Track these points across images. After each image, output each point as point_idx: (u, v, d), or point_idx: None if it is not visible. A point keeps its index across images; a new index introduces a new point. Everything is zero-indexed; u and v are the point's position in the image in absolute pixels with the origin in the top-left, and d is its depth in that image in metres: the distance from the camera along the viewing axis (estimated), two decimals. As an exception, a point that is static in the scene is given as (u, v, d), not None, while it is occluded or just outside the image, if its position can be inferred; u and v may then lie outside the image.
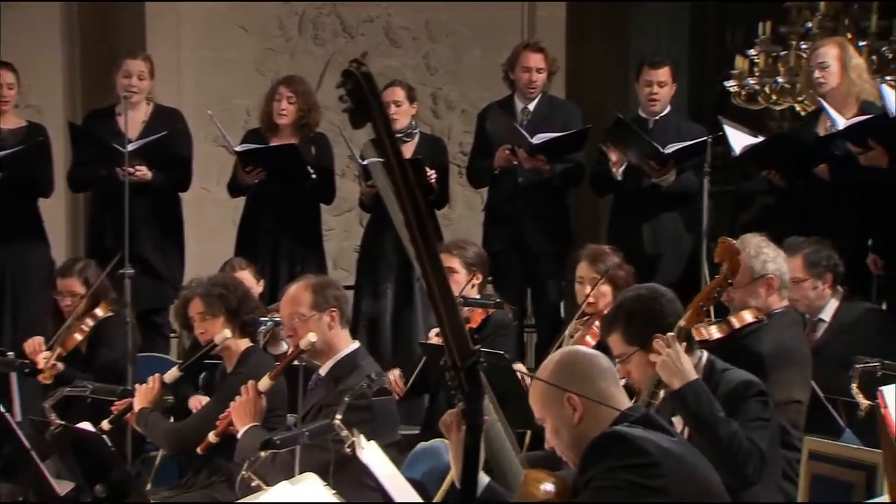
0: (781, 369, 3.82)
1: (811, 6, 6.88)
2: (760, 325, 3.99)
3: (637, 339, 3.32)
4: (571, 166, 6.10)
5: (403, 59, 7.51)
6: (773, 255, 4.12)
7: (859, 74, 5.44)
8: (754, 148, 5.56)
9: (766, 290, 4.08)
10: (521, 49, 6.20)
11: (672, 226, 5.99)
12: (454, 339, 1.96)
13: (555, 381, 2.63)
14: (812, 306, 4.87)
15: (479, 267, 5.11)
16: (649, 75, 5.98)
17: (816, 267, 4.80)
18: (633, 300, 3.40)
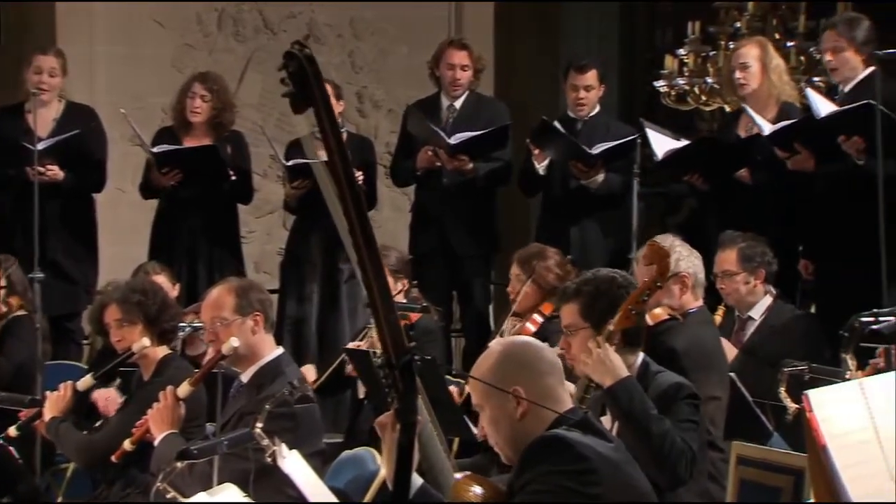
0: (698, 367, 3.89)
1: (739, 6, 7.00)
2: (675, 324, 4.06)
3: (593, 317, 3.38)
4: (498, 165, 6.14)
5: (328, 56, 7.48)
6: (686, 253, 4.20)
7: (780, 76, 5.55)
8: (677, 152, 5.63)
9: (679, 288, 4.15)
10: (446, 46, 6.23)
11: (601, 228, 6.06)
12: (390, 336, 1.97)
13: (502, 371, 2.62)
14: (742, 301, 4.95)
15: (402, 272, 5.12)
16: (575, 79, 6.05)
17: (750, 262, 4.88)
18: (606, 280, 3.46)
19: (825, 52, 5.34)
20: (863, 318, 3.05)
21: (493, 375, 2.62)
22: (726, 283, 4.94)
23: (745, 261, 4.90)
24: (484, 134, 5.97)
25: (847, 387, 2.96)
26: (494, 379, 2.62)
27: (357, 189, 1.95)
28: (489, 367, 2.65)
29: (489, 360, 2.67)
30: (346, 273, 5.92)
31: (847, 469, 2.56)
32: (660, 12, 8.31)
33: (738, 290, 4.90)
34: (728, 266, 4.93)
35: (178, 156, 5.94)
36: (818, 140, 5.19)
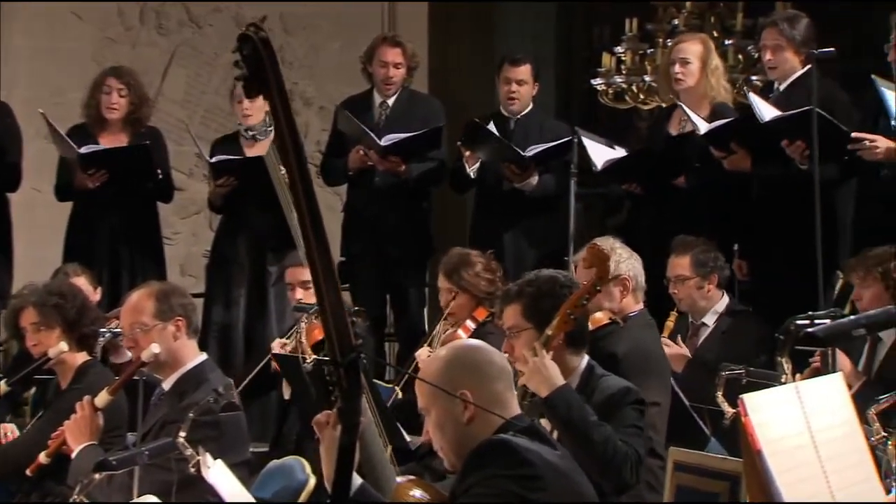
0: (639, 372, 3.93)
1: (677, 4, 7.08)
2: (616, 328, 4.10)
3: (536, 317, 3.40)
4: (431, 166, 6.14)
5: (256, 52, 7.41)
6: (626, 255, 4.23)
7: (718, 78, 5.60)
8: (616, 163, 5.67)
9: (620, 291, 4.19)
10: (379, 43, 6.21)
11: (536, 230, 6.08)
12: (337, 333, 1.96)
13: (450, 374, 2.62)
14: (695, 307, 5.01)
15: None
16: (509, 72, 6.06)
17: (703, 267, 4.95)
18: (547, 280, 3.48)
19: (765, 50, 5.40)
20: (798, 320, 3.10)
21: (441, 378, 2.62)
22: (679, 288, 4.99)
23: (699, 266, 4.96)
24: (416, 135, 5.97)
25: (783, 390, 3.00)
26: (442, 382, 2.62)
27: (309, 179, 1.94)
28: (437, 370, 2.65)
29: (437, 363, 2.67)
30: (275, 275, 5.89)
31: (782, 473, 2.59)
32: (597, 10, 8.37)
33: (690, 295, 4.97)
34: (681, 271, 4.99)
35: (107, 156, 5.86)
36: (756, 140, 5.26)
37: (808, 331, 2.93)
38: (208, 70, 7.56)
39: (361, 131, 5.99)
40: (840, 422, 2.95)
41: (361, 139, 6.01)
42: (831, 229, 5.16)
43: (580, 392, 3.43)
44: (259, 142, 6.10)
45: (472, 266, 4.80)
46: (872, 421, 3.32)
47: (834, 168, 5.15)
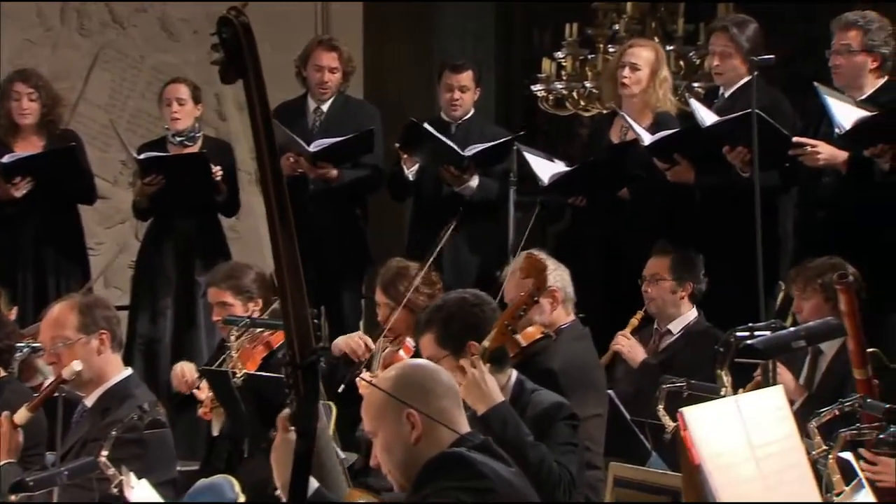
0: (576, 385, 3.96)
1: (618, 8, 7.15)
2: (548, 342, 4.13)
3: (451, 343, 3.41)
4: (366, 173, 6.13)
5: (183, 54, 7.37)
6: (553, 266, 4.27)
7: (665, 90, 5.65)
8: (561, 178, 5.70)
9: (550, 303, 4.22)
10: (314, 46, 6.21)
11: (475, 238, 6.09)
12: (298, 333, 1.96)
13: (395, 394, 2.63)
14: (664, 311, 5.05)
15: (258, 292, 5.04)
16: (450, 79, 6.09)
17: (681, 272, 5.02)
18: (455, 302, 3.49)
19: (713, 56, 5.47)
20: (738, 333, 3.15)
21: (385, 401, 2.63)
22: (653, 287, 5.05)
23: (677, 269, 5.03)
24: (346, 139, 5.96)
25: (723, 404, 3.04)
26: (388, 404, 2.63)
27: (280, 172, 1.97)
28: (381, 393, 2.65)
29: (383, 383, 2.67)
30: (203, 286, 5.85)
31: (722, 489, 2.63)
32: (537, 13, 8.42)
33: (662, 296, 5.02)
34: (658, 270, 5.05)
35: (31, 163, 5.79)
36: (700, 150, 5.31)
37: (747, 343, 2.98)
38: (133, 73, 7.49)
39: (289, 138, 5.98)
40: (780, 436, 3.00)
41: (291, 146, 5.99)
42: (773, 239, 5.24)
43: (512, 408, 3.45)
44: (187, 147, 6.05)
45: (411, 279, 4.79)
46: (813, 435, 3.37)
47: (775, 175, 5.23)
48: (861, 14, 5.12)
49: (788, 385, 4.43)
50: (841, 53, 5.08)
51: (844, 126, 4.85)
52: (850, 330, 3.66)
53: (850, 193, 5.05)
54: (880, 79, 5.11)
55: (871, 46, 5.05)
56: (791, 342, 3.02)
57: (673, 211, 5.55)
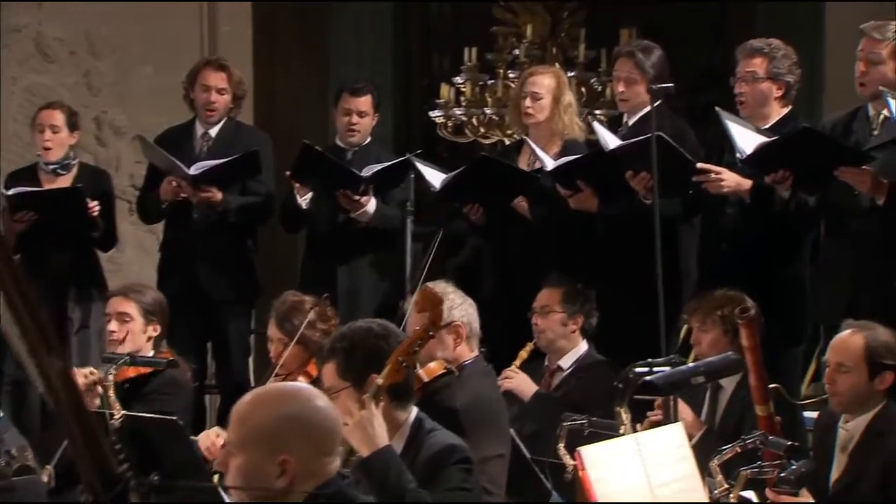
0: (478, 424, 3.95)
1: (518, 33, 7.22)
2: (451, 379, 4.12)
3: (352, 375, 3.37)
4: (255, 200, 6.07)
5: (59, 76, 7.24)
6: (459, 301, 4.27)
7: (571, 116, 5.68)
8: (455, 178, 5.65)
9: (454, 338, 4.22)
10: (202, 66, 6.14)
11: (373, 269, 6.08)
12: (94, 465, 1.70)
13: (277, 431, 2.52)
14: (553, 344, 5.06)
15: (157, 316, 4.99)
16: (348, 103, 6.06)
17: (572, 304, 5.04)
18: (359, 332, 3.45)
19: (618, 82, 5.50)
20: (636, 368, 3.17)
21: (267, 431, 2.53)
22: (542, 319, 5.06)
23: (568, 301, 5.05)
24: (229, 162, 5.90)
25: (622, 442, 3.08)
26: (266, 434, 2.52)
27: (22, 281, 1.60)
28: (264, 420, 2.54)
29: (267, 410, 2.55)
30: (77, 323, 5.74)
31: (620, 531, 2.64)
32: (436, 37, 8.47)
33: (553, 329, 5.04)
34: (549, 302, 5.06)
35: None
36: (603, 177, 5.36)
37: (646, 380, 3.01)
38: (6, 95, 7.34)
39: (169, 162, 5.90)
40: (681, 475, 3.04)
41: (172, 170, 5.92)
42: (675, 271, 5.31)
43: (407, 449, 3.42)
44: (60, 176, 5.94)
45: (306, 314, 4.74)
46: (715, 473, 3.42)
47: (678, 204, 5.30)
48: (766, 42, 5.21)
49: (688, 421, 4.48)
50: (746, 81, 5.15)
51: (745, 151, 4.94)
52: (752, 365, 3.73)
53: (752, 224, 5.13)
54: (785, 108, 5.19)
55: (777, 74, 5.14)
56: (690, 378, 3.05)
57: (574, 241, 5.58)
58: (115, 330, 4.93)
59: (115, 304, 5.01)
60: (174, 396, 4.89)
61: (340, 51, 8.10)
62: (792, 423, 4.28)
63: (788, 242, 5.16)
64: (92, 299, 5.99)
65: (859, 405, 4.02)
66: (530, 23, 7.30)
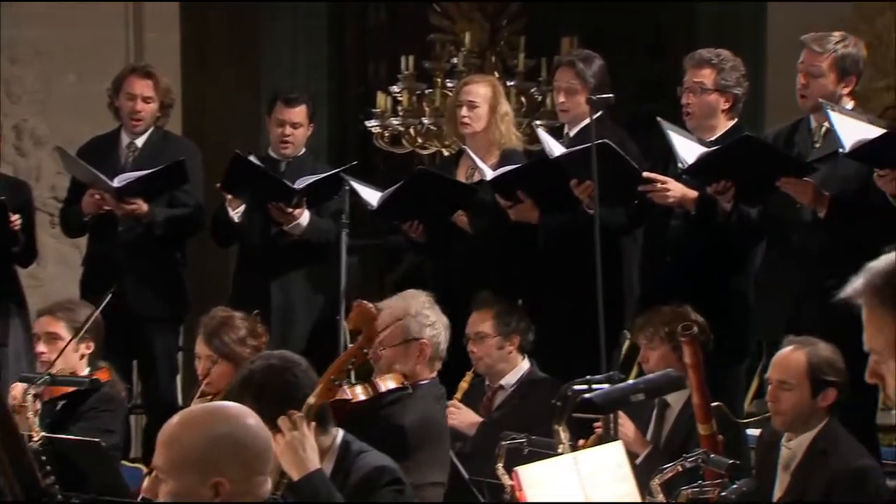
0: (424, 446, 3.96)
1: (456, 41, 7.25)
2: (404, 395, 4.11)
3: (270, 421, 3.32)
4: (183, 212, 6.03)
5: (-24, 86, 7.18)
6: (434, 319, 4.26)
7: (507, 125, 5.69)
8: (393, 195, 5.65)
9: (417, 355, 4.21)
10: (127, 73, 6.09)
11: (308, 284, 6.06)
12: (18, 479, 1.76)
13: (209, 453, 2.51)
14: (493, 368, 5.06)
15: (91, 333, 4.94)
16: (282, 113, 6.02)
17: (506, 326, 5.03)
18: (262, 371, 3.41)
19: (558, 92, 5.52)
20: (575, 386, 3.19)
21: (198, 452, 2.52)
22: (478, 346, 5.05)
23: (501, 324, 5.04)
24: (154, 172, 5.85)
25: (560, 462, 3.09)
26: (197, 456, 2.51)
27: None
28: (195, 441, 2.53)
29: (197, 432, 2.55)
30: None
31: (557, 553, 2.66)
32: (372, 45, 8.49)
33: (490, 354, 5.03)
34: (482, 328, 5.06)
35: None
36: (544, 187, 5.37)
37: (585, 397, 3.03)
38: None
39: (90, 174, 5.84)
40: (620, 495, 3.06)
41: (94, 182, 5.87)
42: (618, 285, 5.34)
43: (337, 471, 3.42)
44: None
45: (236, 330, 4.71)
46: (656, 492, 3.45)
47: (622, 214, 5.33)
48: (715, 52, 5.23)
49: (632, 438, 4.51)
50: (693, 91, 5.19)
51: (687, 161, 4.98)
52: (695, 383, 3.77)
53: (696, 237, 5.16)
54: (731, 120, 5.23)
55: (725, 86, 5.17)
56: (630, 395, 3.08)
57: (515, 254, 5.60)
58: (44, 351, 4.89)
59: (42, 323, 4.96)
60: (113, 414, 4.87)
61: (273, 57, 8.09)
62: (735, 442, 4.33)
63: (733, 256, 5.20)
64: (10, 316, 5.92)
65: (802, 423, 4.07)
66: (468, 30, 7.35)
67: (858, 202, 4.77)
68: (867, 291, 2.03)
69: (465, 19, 7.53)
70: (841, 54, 4.89)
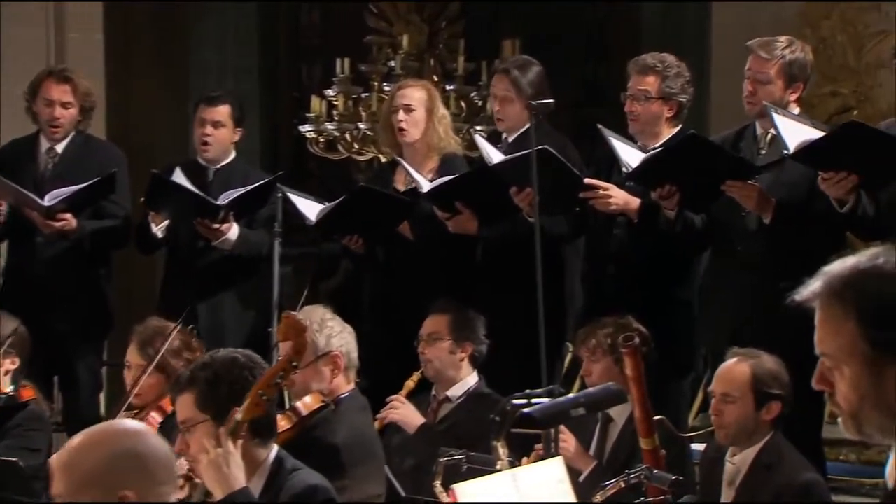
0: (359, 462, 3.96)
1: (393, 43, 7.26)
2: (328, 414, 4.11)
3: (213, 407, 3.34)
4: (111, 224, 5.98)
5: None
6: (339, 329, 4.27)
7: (445, 128, 5.69)
8: (333, 210, 5.66)
9: (331, 369, 4.21)
10: (44, 77, 6.03)
11: (238, 297, 6.03)
12: None
13: (111, 469, 2.52)
14: (441, 374, 5.05)
15: (15, 348, 4.89)
16: (204, 113, 5.98)
17: (461, 331, 5.03)
18: (224, 362, 3.42)
19: (494, 100, 5.55)
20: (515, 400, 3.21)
21: (99, 472, 2.52)
22: (430, 348, 5.04)
23: (456, 328, 5.04)
24: (84, 188, 5.80)
25: (499, 479, 3.11)
26: (99, 476, 2.52)
27: None
28: (96, 461, 2.54)
29: (95, 451, 2.55)
30: None
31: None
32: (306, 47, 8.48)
33: (440, 358, 5.03)
34: (436, 329, 5.06)
35: None
36: (483, 196, 5.39)
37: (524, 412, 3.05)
38: None
39: (19, 195, 5.78)
40: (559, 512, 3.08)
41: (23, 202, 5.80)
42: (560, 296, 5.37)
43: (267, 490, 3.41)
44: None
45: (171, 341, 4.69)
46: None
47: (563, 223, 5.36)
48: (660, 58, 5.27)
49: (573, 454, 4.54)
50: (637, 99, 5.23)
51: (631, 165, 5.02)
52: (636, 397, 3.79)
53: (639, 246, 5.21)
54: (674, 127, 5.27)
55: (669, 94, 5.21)
56: (570, 410, 3.10)
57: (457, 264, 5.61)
58: None
59: None
60: (40, 432, 4.83)
61: (201, 59, 8.06)
62: (679, 457, 4.37)
63: (676, 265, 5.25)
64: None
65: (746, 437, 4.12)
66: (406, 32, 7.36)
67: (804, 208, 4.83)
68: (825, 293, 2.05)
69: (402, 21, 7.54)
70: (788, 60, 4.95)
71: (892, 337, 1.99)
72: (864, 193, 4.65)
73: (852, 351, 2.02)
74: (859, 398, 2.03)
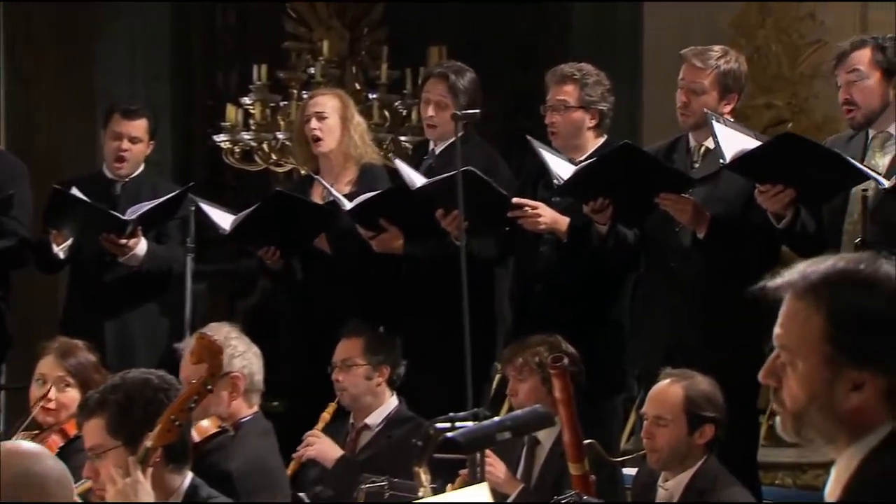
0: (256, 491, 3.94)
1: (313, 49, 7.26)
2: (226, 439, 4.10)
3: (125, 432, 3.32)
4: (8, 244, 5.87)
5: None
6: (242, 349, 4.26)
7: (361, 136, 5.68)
8: (247, 219, 5.62)
9: (230, 391, 4.20)
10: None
11: (148, 316, 5.98)
12: None
13: (7, 486, 2.56)
14: (358, 401, 5.05)
15: None
16: (120, 126, 5.93)
17: (376, 355, 5.03)
18: (136, 383, 3.39)
19: (427, 105, 5.54)
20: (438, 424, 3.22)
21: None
22: (344, 374, 5.04)
23: (371, 352, 5.04)
24: None
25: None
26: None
27: None
28: None
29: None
30: None
31: None
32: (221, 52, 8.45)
33: (356, 384, 5.02)
34: (350, 354, 5.05)
35: None
36: (409, 215, 5.37)
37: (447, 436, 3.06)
38: None
39: None
40: (485, 540, 3.11)
41: None
42: (488, 316, 5.40)
43: (179, 519, 3.41)
44: None
45: (85, 356, 4.65)
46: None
47: (492, 246, 5.37)
48: (577, 67, 5.33)
49: (501, 479, 4.56)
50: (557, 110, 5.28)
51: (563, 177, 5.05)
52: (565, 419, 3.82)
53: (568, 264, 5.25)
54: (600, 138, 5.33)
55: (589, 103, 5.26)
56: (496, 434, 3.12)
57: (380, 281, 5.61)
58: None
59: None
60: None
61: (109, 63, 7.99)
62: (610, 482, 4.40)
63: (608, 283, 5.30)
64: None
65: (678, 461, 4.16)
66: (326, 38, 7.35)
67: (739, 223, 4.89)
68: (800, 285, 2.07)
69: (322, 26, 7.53)
70: (723, 70, 5.02)
71: (856, 342, 2.02)
72: (803, 209, 4.72)
73: (814, 346, 2.04)
74: (808, 397, 2.04)
